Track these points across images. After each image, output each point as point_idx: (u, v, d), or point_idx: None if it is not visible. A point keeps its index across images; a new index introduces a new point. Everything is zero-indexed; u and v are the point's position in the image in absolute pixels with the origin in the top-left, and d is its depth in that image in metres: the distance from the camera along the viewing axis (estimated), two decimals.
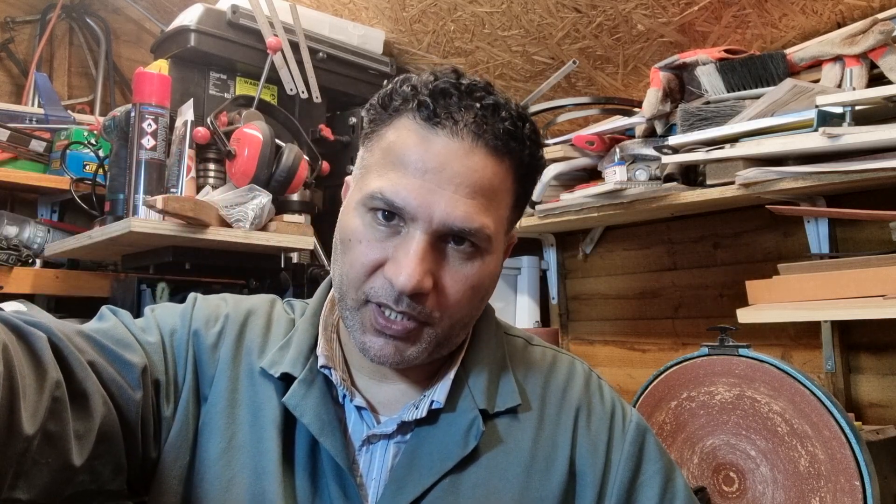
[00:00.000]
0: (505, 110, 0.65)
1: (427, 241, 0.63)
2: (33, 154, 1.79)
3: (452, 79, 0.66)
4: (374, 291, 0.65)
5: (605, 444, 0.72)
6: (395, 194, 0.63)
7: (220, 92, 1.58)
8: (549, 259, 1.89)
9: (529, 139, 0.68)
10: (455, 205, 0.63)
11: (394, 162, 0.65)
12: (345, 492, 0.66)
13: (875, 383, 1.34)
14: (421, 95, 0.65)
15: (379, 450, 0.69)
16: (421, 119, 0.64)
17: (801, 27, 1.37)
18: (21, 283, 1.65)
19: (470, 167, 0.63)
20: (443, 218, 0.63)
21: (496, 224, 0.66)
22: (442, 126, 0.63)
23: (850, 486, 1.00)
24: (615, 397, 0.78)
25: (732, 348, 1.17)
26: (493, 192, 0.65)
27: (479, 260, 0.66)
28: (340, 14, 1.85)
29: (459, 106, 0.64)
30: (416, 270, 0.62)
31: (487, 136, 0.64)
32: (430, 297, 0.64)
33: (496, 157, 0.65)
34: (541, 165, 0.72)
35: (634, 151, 1.42)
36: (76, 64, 2.22)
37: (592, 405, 0.75)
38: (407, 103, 0.66)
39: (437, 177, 0.63)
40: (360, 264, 0.65)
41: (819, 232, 1.37)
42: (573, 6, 1.52)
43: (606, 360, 1.78)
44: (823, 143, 1.08)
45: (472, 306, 0.68)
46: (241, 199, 1.37)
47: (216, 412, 0.70)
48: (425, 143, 0.64)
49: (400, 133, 0.66)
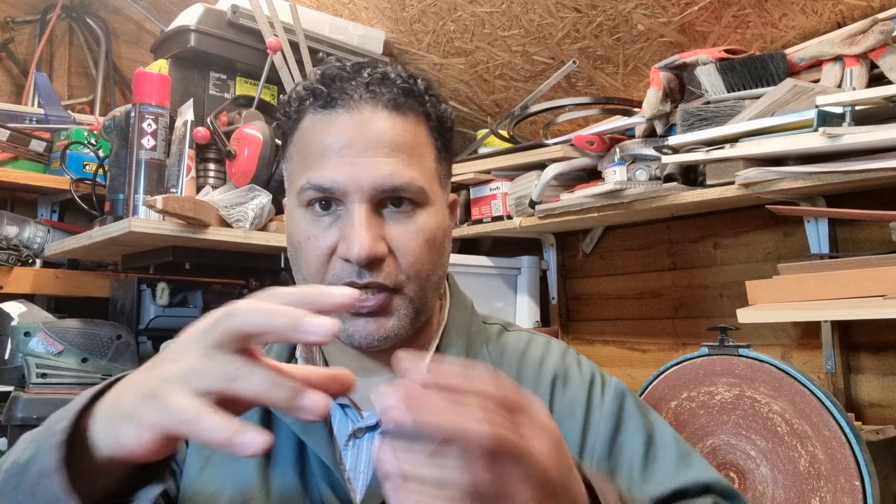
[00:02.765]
0: (394, 74, 0.69)
1: (367, 209, 0.66)
2: (33, 154, 1.79)
3: (338, 64, 0.70)
4: (336, 275, 0.67)
5: (583, 407, 0.73)
6: (321, 178, 0.66)
7: (220, 92, 1.58)
8: (549, 259, 1.89)
9: (427, 93, 0.71)
10: (378, 167, 0.66)
11: (310, 155, 0.68)
12: (332, 488, 0.67)
13: (875, 383, 1.33)
14: (314, 87, 0.69)
15: (366, 443, 0.70)
16: (320, 108, 0.68)
17: (801, 27, 1.37)
18: (21, 283, 1.65)
19: (378, 130, 0.67)
20: (372, 183, 0.65)
21: (424, 176, 0.69)
22: (340, 105, 0.67)
23: (850, 486, 1.00)
24: (595, 368, 0.78)
25: (732, 348, 1.17)
26: (409, 147, 0.68)
27: (422, 213, 0.69)
28: (340, 14, 1.85)
29: (350, 82, 0.68)
30: (365, 236, 0.64)
31: (384, 99, 0.68)
32: (388, 263, 0.67)
33: (399, 115, 0.68)
34: (449, 117, 0.74)
35: (634, 151, 1.41)
36: (76, 64, 2.22)
37: (569, 374, 0.76)
38: (304, 101, 0.70)
39: (351, 150, 0.66)
40: (314, 257, 0.68)
41: (819, 232, 1.37)
42: (573, 6, 1.52)
43: (606, 360, 1.78)
44: (823, 143, 1.08)
45: (432, 261, 0.70)
46: (241, 199, 1.37)
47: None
48: (331, 125, 0.67)
49: (307, 130, 0.70)
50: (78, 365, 1.38)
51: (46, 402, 1.33)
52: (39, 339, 1.37)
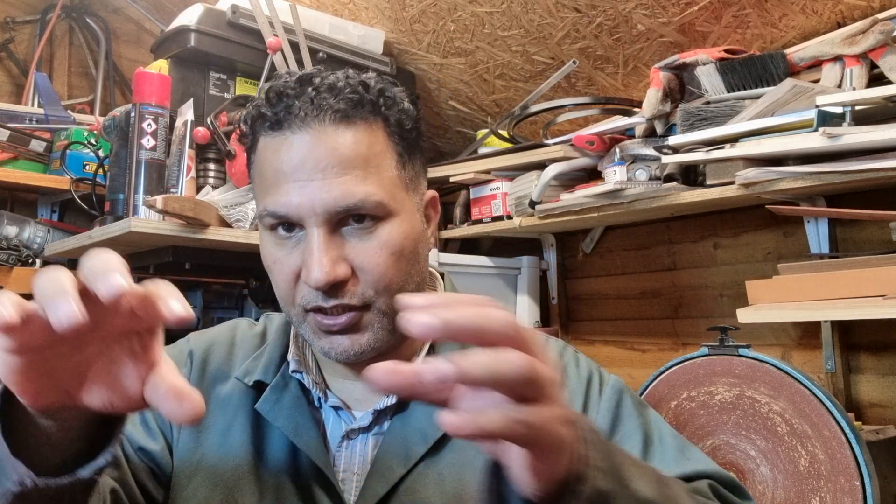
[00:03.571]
0: (342, 82, 0.67)
1: (323, 232, 0.65)
2: (33, 154, 1.79)
3: (286, 78, 0.69)
4: (304, 299, 0.67)
5: (580, 406, 0.73)
6: (276, 205, 0.66)
7: (220, 92, 1.58)
8: (549, 259, 1.89)
9: (381, 96, 0.69)
10: (329, 188, 0.64)
11: (267, 180, 0.68)
12: (325, 490, 0.68)
13: (875, 383, 1.33)
14: (261, 109, 0.68)
15: (359, 444, 0.71)
16: (270, 130, 0.67)
17: (801, 27, 1.37)
18: (21, 283, 1.65)
19: (326, 148, 0.65)
20: (324, 205, 0.64)
21: (383, 187, 0.67)
22: (287, 126, 0.66)
23: (850, 486, 1.00)
24: (593, 366, 0.78)
25: (732, 348, 1.17)
26: (363, 160, 0.66)
27: (385, 225, 0.67)
28: (340, 14, 1.85)
29: (296, 100, 0.66)
30: (322, 262, 0.64)
31: (330, 113, 0.65)
32: (354, 281, 0.66)
33: (349, 127, 0.66)
34: (410, 116, 0.72)
35: (634, 151, 1.41)
36: (76, 64, 2.22)
37: (567, 372, 0.76)
38: (255, 122, 0.69)
39: (302, 173, 0.65)
40: (282, 281, 0.68)
41: (819, 232, 1.37)
42: (573, 6, 1.52)
43: (606, 360, 1.78)
44: (823, 143, 1.08)
45: (401, 270, 0.68)
46: (241, 199, 1.37)
47: (183, 449, 0.73)
48: (281, 148, 0.66)
49: (261, 152, 0.69)
50: None
51: None
52: None
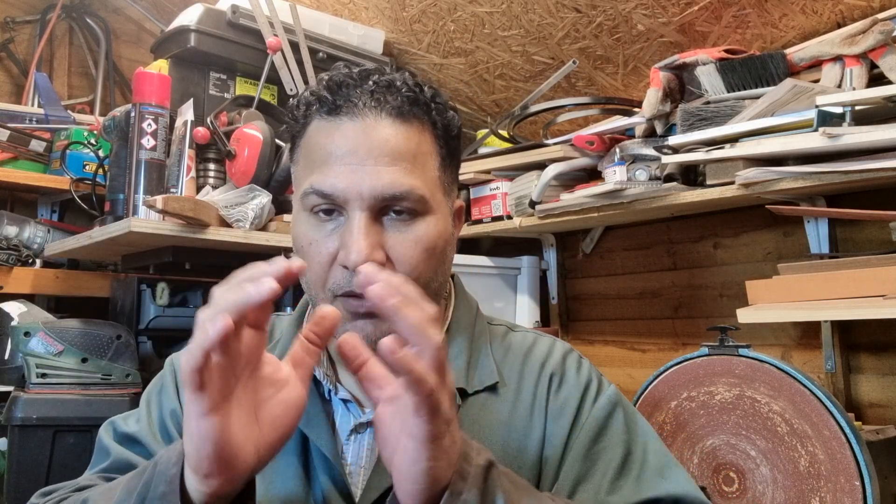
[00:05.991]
0: (400, 82, 0.70)
1: (366, 217, 0.66)
2: (33, 154, 1.79)
3: (345, 70, 0.71)
4: (337, 284, 0.68)
5: (574, 409, 0.74)
6: (322, 184, 0.67)
7: (220, 92, 1.58)
8: (549, 259, 1.89)
9: (433, 101, 0.71)
10: (379, 175, 0.66)
11: (315, 160, 0.69)
12: (333, 481, 0.69)
13: (875, 383, 1.33)
14: (320, 94, 0.70)
15: (367, 438, 0.72)
16: (326, 114, 0.69)
17: (801, 27, 1.37)
18: (21, 283, 1.65)
19: (381, 139, 0.67)
20: (371, 191, 0.66)
21: (426, 184, 0.69)
22: (345, 112, 0.68)
23: (850, 486, 1.00)
24: (594, 373, 0.79)
25: (732, 348, 1.17)
26: (412, 156, 0.69)
27: (423, 221, 0.69)
28: (340, 14, 1.85)
29: (356, 90, 0.69)
30: (362, 244, 0.65)
31: (388, 107, 0.68)
32: (387, 270, 0.66)
33: (403, 123, 0.69)
34: (455, 125, 0.75)
35: (634, 151, 1.41)
36: (76, 64, 2.23)
37: (566, 376, 0.76)
38: (311, 107, 0.71)
39: (354, 157, 0.67)
40: (316, 263, 0.69)
41: (819, 232, 1.37)
42: (573, 6, 1.52)
43: (606, 360, 1.78)
44: (823, 143, 1.08)
45: (431, 268, 0.70)
46: (241, 199, 1.37)
47: None
48: (335, 133, 0.68)
49: (312, 135, 0.71)
50: (78, 365, 1.38)
51: (46, 403, 1.33)
52: (39, 339, 1.37)
